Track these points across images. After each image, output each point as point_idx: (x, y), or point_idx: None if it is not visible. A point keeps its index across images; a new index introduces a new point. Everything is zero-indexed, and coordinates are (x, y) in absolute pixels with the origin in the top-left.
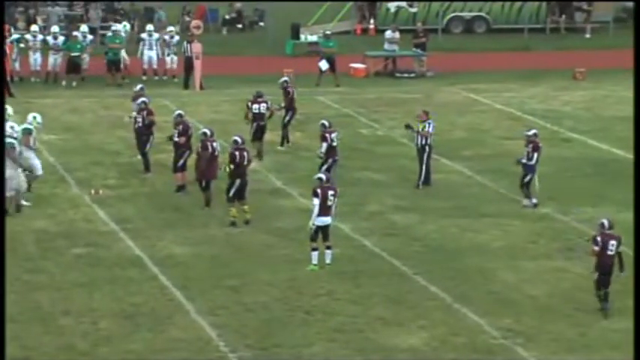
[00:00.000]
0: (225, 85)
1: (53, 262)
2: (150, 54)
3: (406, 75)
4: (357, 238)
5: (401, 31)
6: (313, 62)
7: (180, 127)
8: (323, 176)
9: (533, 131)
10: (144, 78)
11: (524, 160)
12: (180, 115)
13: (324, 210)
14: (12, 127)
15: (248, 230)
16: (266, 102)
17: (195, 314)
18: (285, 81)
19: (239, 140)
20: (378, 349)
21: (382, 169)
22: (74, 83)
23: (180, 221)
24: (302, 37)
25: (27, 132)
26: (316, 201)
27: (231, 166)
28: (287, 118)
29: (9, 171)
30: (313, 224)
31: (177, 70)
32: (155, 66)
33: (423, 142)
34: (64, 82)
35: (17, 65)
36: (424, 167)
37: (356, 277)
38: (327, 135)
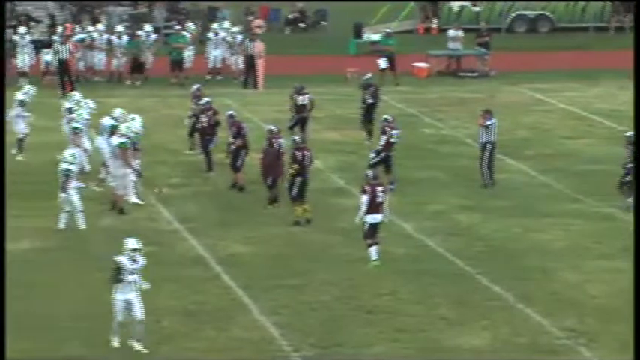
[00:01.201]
0: (287, 84)
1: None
2: (215, 53)
3: (469, 74)
4: (420, 238)
5: (464, 31)
6: (376, 62)
7: (234, 127)
8: (370, 173)
9: (630, 133)
10: (208, 77)
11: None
12: (231, 116)
13: (375, 207)
14: (129, 128)
15: (309, 229)
16: (308, 94)
17: (258, 313)
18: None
19: (298, 140)
20: (440, 349)
21: (445, 169)
22: (138, 83)
23: (241, 220)
24: (365, 36)
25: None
26: (365, 198)
27: (295, 166)
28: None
29: (121, 170)
30: (363, 222)
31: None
32: (219, 65)
33: (486, 140)
34: (127, 82)
35: (82, 65)
36: (484, 166)
37: (419, 276)
38: (388, 129)
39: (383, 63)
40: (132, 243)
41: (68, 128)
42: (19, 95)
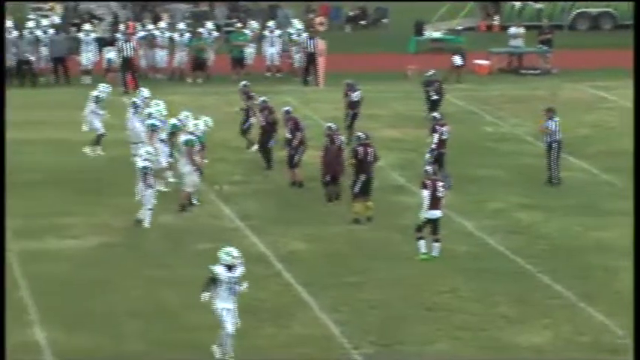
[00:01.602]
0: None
1: (179, 258)
2: (272, 51)
3: (531, 72)
4: (480, 236)
5: (526, 28)
6: (436, 59)
7: (291, 123)
8: (429, 168)
9: None
10: (267, 75)
11: None
12: (287, 112)
13: (434, 203)
14: (196, 125)
15: (369, 227)
16: (360, 90)
17: (318, 310)
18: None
19: (362, 136)
20: (501, 347)
21: (506, 167)
22: (199, 80)
23: (301, 218)
24: (426, 33)
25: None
26: (425, 193)
27: (353, 162)
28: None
29: (187, 167)
30: (425, 218)
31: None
32: (277, 62)
33: (551, 139)
34: (189, 80)
35: (144, 63)
36: (552, 165)
37: (479, 274)
38: (439, 127)
39: (459, 60)
40: (231, 252)
41: (139, 124)
42: (94, 92)
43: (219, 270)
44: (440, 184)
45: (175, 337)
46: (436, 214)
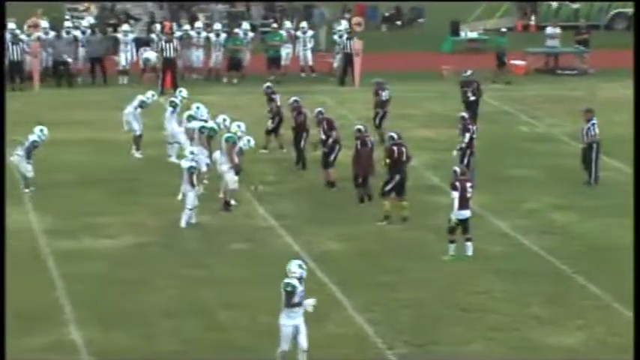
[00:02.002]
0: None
1: (214, 258)
2: (305, 51)
3: (567, 72)
4: (515, 236)
5: (562, 28)
6: (473, 59)
7: (324, 123)
8: (458, 169)
9: None
10: (303, 75)
11: None
12: (320, 113)
13: (464, 203)
14: (239, 126)
15: (402, 227)
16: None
17: (352, 310)
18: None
19: (395, 136)
20: (535, 348)
21: (541, 167)
22: (235, 80)
23: (335, 217)
24: (462, 33)
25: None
26: (455, 194)
27: (387, 161)
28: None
29: (225, 166)
30: (456, 219)
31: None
32: (310, 62)
33: (590, 140)
34: (224, 80)
35: (180, 63)
36: (593, 165)
37: (514, 275)
38: (470, 126)
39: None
40: (302, 264)
41: (177, 125)
42: (141, 96)
43: (296, 283)
44: (469, 184)
45: (210, 336)
46: (466, 214)
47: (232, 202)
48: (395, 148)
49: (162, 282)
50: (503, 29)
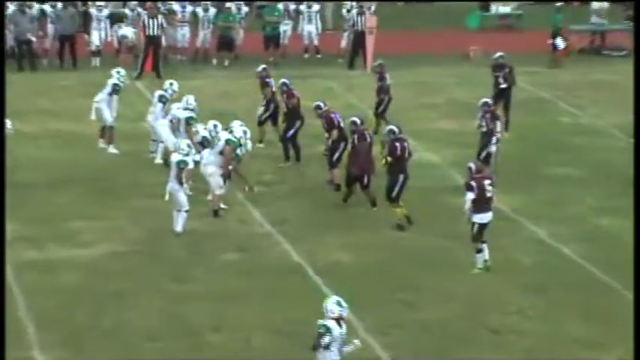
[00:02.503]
0: (400, 64)
1: (202, 269)
2: (309, 28)
3: (615, 53)
4: (553, 245)
5: (611, 2)
6: (504, 39)
7: (324, 120)
8: (472, 165)
9: None
10: (306, 56)
11: None
12: (318, 107)
13: (483, 204)
14: (245, 132)
15: (422, 233)
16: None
17: (365, 332)
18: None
19: (395, 129)
20: None
21: (584, 164)
22: (226, 62)
23: (343, 223)
24: (492, 8)
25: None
26: (471, 195)
27: (389, 159)
28: None
29: (211, 167)
30: (472, 222)
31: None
32: (316, 42)
33: None
34: (214, 61)
35: (163, 41)
36: None
37: (552, 289)
38: (498, 113)
39: (562, 43)
40: (341, 302)
41: (164, 120)
42: (112, 80)
43: (333, 325)
44: (487, 181)
45: (197, 359)
46: (487, 217)
47: (222, 205)
48: (397, 144)
49: (143, 297)
50: (559, 3)
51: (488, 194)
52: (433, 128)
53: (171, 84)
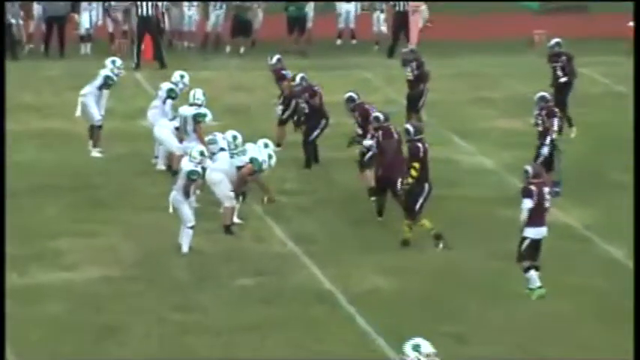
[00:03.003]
0: (449, 51)
1: (211, 296)
2: (347, 7)
3: None
4: (631, 267)
5: None
6: (571, 21)
7: (357, 114)
8: (529, 168)
9: None
10: (338, 42)
11: None
12: (351, 100)
13: (540, 216)
14: (270, 156)
15: (474, 253)
16: (412, 67)
17: None
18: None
19: (412, 129)
20: None
21: None
22: (242, 49)
23: (381, 241)
24: None
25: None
26: (529, 203)
27: (417, 165)
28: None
29: (217, 174)
30: (529, 239)
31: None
32: (353, 24)
33: None
34: (228, 48)
35: (167, 24)
36: None
37: (627, 321)
38: (555, 109)
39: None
40: (412, 347)
41: (169, 122)
42: (105, 70)
43: None
44: (546, 189)
45: None
46: (543, 231)
47: (236, 220)
48: (420, 145)
49: (139, 329)
50: None
51: (546, 204)
52: (489, 127)
53: (182, 76)
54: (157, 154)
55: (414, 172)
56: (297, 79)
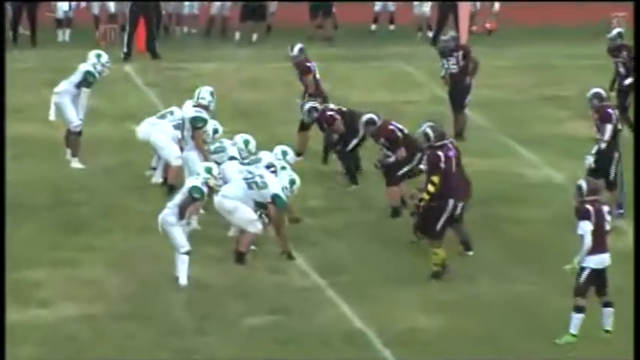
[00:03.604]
0: (513, 41)
1: (216, 339)
2: None
3: None
4: None
5: None
6: None
7: (382, 139)
8: (584, 184)
9: None
10: (373, 28)
11: None
12: (372, 122)
13: (600, 241)
14: (293, 181)
15: (540, 287)
16: (456, 57)
17: None
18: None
19: (431, 134)
20: None
21: None
22: (254, 37)
23: (425, 271)
24: None
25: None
26: (588, 226)
27: (434, 179)
28: None
29: (239, 203)
30: (589, 268)
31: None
32: (392, 6)
33: None
34: (237, 35)
35: (161, 6)
36: None
37: None
38: (611, 111)
39: None
40: None
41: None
42: (86, 65)
43: None
44: (605, 208)
45: None
46: (604, 259)
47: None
48: (440, 153)
49: None
50: None
51: (607, 227)
52: (559, 133)
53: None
54: (153, 165)
55: (431, 187)
56: (307, 107)
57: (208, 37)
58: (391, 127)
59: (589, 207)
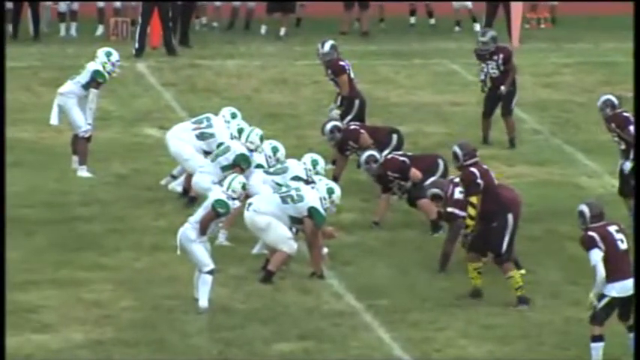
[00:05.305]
0: (575, 34)
1: None
2: None
3: None
4: None
5: None
6: None
7: (394, 169)
8: (586, 209)
9: None
10: (411, 21)
11: None
12: (372, 160)
13: (618, 266)
14: (331, 191)
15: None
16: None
17: None
18: None
19: (459, 153)
20: None
21: None
22: (282, 31)
23: (468, 292)
24: None
25: None
26: (597, 255)
27: (473, 200)
28: None
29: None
30: (608, 297)
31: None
32: None
33: None
34: (263, 29)
35: None
36: None
37: None
38: (627, 114)
39: None
40: None
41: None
42: (94, 63)
43: None
44: (613, 228)
45: None
46: (627, 286)
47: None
48: (475, 170)
49: None
50: None
51: (621, 247)
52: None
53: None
54: (174, 173)
55: (471, 210)
56: (327, 128)
57: (231, 30)
58: (399, 159)
59: (593, 234)
